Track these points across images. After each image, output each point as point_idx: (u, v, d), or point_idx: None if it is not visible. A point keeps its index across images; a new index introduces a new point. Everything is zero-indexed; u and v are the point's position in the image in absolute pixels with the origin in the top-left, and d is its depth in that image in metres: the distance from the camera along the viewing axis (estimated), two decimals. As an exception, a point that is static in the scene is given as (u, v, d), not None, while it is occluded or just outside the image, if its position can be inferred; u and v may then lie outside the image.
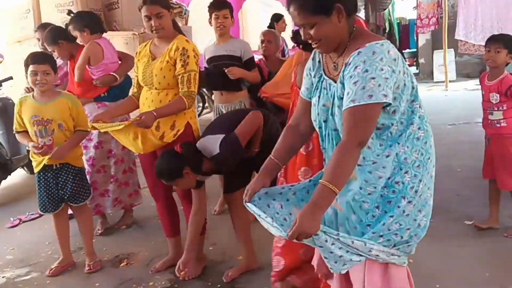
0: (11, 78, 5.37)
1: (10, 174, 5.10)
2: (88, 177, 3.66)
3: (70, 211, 3.37)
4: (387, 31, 15.69)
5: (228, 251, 3.35)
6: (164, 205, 3.17)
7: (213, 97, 5.00)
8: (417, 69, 13.08)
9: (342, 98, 1.66)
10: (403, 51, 14.59)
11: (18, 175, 5.60)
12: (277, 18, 6.31)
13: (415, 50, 13.46)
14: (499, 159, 3.22)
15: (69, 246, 3.34)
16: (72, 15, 3.89)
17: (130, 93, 3.22)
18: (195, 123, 3.01)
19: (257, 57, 4.02)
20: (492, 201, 3.35)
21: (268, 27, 5.91)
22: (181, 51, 2.78)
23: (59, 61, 3.78)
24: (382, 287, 1.74)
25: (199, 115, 8.38)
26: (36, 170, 3.18)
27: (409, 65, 12.32)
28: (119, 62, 3.76)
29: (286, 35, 5.97)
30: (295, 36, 2.57)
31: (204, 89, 8.18)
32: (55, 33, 3.76)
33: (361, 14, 12.87)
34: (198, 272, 3.05)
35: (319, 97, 1.80)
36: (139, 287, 2.99)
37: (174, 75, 2.81)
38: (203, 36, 6.36)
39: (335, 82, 1.73)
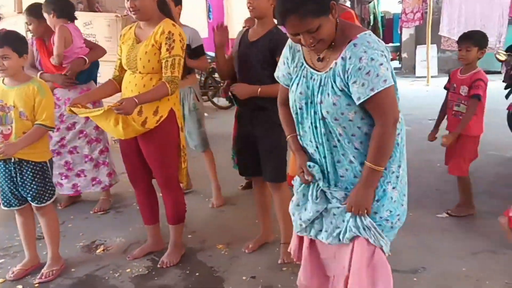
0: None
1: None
2: (58, 157, 3.70)
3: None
4: (371, 25, 15.76)
5: (207, 240, 3.33)
6: (143, 192, 3.12)
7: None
8: (399, 63, 13.16)
9: (341, 90, 1.73)
10: (387, 45, 14.62)
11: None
12: None
13: (398, 44, 13.54)
14: (454, 148, 3.41)
15: (35, 246, 3.05)
16: None
17: (111, 76, 3.15)
18: (178, 110, 2.95)
19: None
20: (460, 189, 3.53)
21: None
22: (167, 35, 2.72)
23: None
24: (368, 271, 1.82)
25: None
26: None
27: (392, 59, 12.41)
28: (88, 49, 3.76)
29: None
30: None
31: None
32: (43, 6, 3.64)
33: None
34: (176, 260, 3.02)
35: (297, 84, 1.86)
36: (116, 273, 2.94)
37: (159, 60, 2.75)
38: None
39: (319, 72, 1.80)
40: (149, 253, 3.14)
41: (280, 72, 1.99)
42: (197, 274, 2.90)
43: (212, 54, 7.07)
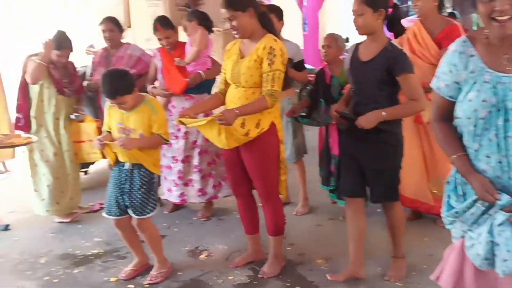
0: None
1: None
2: (175, 164, 3.91)
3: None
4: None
5: (307, 253, 3.36)
6: (244, 202, 3.21)
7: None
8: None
9: None
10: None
11: (106, 161, 5.84)
12: None
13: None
14: None
15: (142, 248, 3.20)
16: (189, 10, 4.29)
17: (216, 90, 3.29)
18: (279, 123, 3.01)
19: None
20: None
21: None
22: (268, 50, 2.79)
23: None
24: None
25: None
26: (111, 164, 3.14)
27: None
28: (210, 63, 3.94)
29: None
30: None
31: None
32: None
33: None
34: (277, 272, 3.07)
35: (478, 91, 1.72)
36: (219, 280, 3.06)
37: (260, 74, 2.82)
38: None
39: (509, 74, 1.67)
40: (250, 262, 3.22)
41: (442, 82, 1.85)
42: (297, 287, 2.93)
43: (309, 66, 7.09)
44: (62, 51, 3.87)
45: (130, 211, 3.00)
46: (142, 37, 5.07)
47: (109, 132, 3.06)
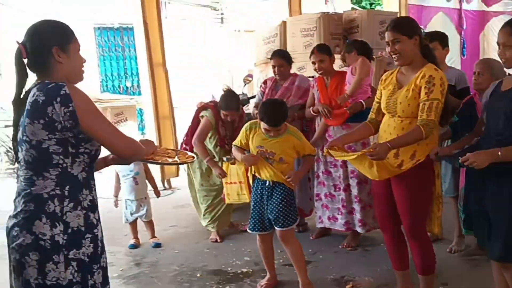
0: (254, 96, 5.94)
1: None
2: (338, 192, 3.98)
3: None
4: None
5: (461, 296, 3.14)
6: (391, 237, 3.09)
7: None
8: None
9: None
10: None
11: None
12: None
13: None
14: None
15: (274, 266, 3.43)
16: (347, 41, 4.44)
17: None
18: (437, 155, 2.88)
19: None
20: None
21: None
22: (427, 78, 2.70)
23: None
24: None
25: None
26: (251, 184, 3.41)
27: None
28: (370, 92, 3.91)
29: None
30: None
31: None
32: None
33: None
34: (426, 312, 2.92)
35: None
36: (364, 313, 3.01)
37: (418, 104, 2.73)
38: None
39: None
40: (398, 299, 3.11)
41: None
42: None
43: (470, 94, 6.55)
44: (228, 111, 4.15)
45: (273, 223, 3.21)
46: (295, 66, 5.25)
47: (240, 147, 3.34)
